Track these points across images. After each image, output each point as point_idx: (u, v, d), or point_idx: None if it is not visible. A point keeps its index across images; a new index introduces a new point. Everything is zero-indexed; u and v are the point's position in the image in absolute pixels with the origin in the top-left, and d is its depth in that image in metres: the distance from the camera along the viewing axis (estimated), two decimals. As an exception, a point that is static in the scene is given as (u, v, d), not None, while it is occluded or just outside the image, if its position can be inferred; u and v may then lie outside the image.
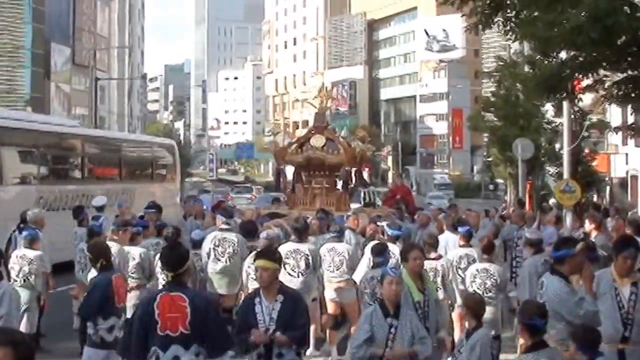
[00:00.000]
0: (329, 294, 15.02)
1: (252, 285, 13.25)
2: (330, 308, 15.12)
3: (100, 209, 20.57)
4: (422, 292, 10.46)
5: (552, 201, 35.73)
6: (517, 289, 14.15)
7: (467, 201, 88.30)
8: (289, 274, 13.53)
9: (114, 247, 13.41)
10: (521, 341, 9.09)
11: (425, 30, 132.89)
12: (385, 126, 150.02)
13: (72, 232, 17.97)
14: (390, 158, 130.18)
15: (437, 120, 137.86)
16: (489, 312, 11.65)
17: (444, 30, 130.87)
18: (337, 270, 14.75)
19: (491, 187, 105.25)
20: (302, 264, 13.80)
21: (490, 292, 13.16)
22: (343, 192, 24.33)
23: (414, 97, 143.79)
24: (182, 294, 8.14)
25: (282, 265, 12.90)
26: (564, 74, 10.69)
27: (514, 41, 12.27)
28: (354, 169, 24.62)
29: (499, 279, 13.42)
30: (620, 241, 10.03)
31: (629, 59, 9.68)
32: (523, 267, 13.95)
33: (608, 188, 52.97)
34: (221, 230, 15.40)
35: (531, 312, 8.20)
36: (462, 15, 11.56)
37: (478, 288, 13.10)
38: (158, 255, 13.60)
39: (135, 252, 14.22)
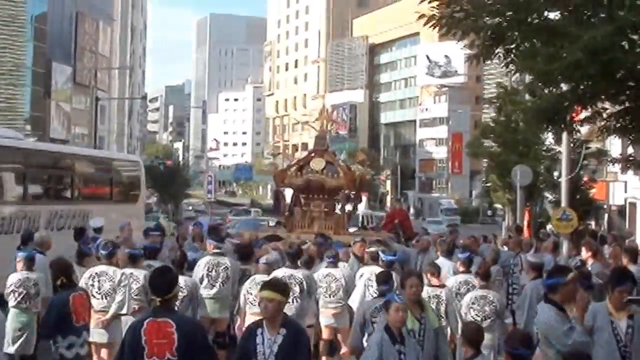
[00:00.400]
0: (325, 320, 14.92)
1: (251, 309, 13.40)
2: (326, 334, 15.13)
3: (98, 230, 20.47)
4: (418, 320, 10.42)
5: (549, 227, 35.82)
6: (517, 313, 14.25)
7: (465, 226, 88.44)
8: None
9: (109, 270, 13.47)
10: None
11: (427, 56, 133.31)
12: (384, 150, 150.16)
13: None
14: (389, 182, 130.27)
15: (436, 145, 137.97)
16: (487, 339, 11.65)
17: (446, 56, 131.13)
18: (333, 296, 14.72)
19: (489, 212, 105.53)
20: (297, 290, 13.51)
21: (489, 318, 13.14)
22: (342, 215, 24.20)
23: (414, 121, 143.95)
24: (169, 320, 8.04)
25: None
26: (562, 106, 10.84)
27: (514, 73, 12.40)
28: (352, 193, 24.50)
29: (497, 305, 13.41)
30: (616, 275, 9.93)
31: (627, 91, 9.82)
32: (525, 291, 13.94)
33: (606, 215, 53.11)
34: (214, 254, 15.32)
35: (516, 342, 8.35)
36: (464, 46, 11.68)
37: (477, 315, 13.08)
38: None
39: (139, 275, 13.88)
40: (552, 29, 9.25)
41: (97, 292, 13.26)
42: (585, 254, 17.35)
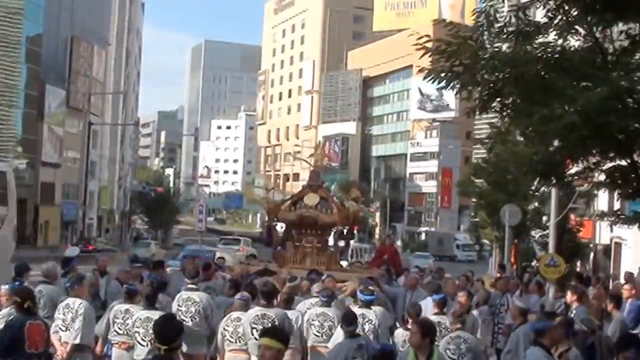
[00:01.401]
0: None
1: (229, 347, 13.45)
2: None
3: (71, 260, 20.31)
4: None
5: (534, 263, 36.02)
6: (505, 356, 14.40)
7: (452, 261, 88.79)
8: (257, 339, 12.44)
9: (70, 301, 13.34)
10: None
11: (419, 89, 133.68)
12: (375, 182, 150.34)
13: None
14: (378, 214, 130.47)
15: (426, 179, 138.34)
16: None
17: (438, 90, 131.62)
18: (326, 336, 14.18)
19: (477, 247, 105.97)
20: None
21: (465, 356, 13.04)
22: (334, 251, 24.20)
23: (405, 155, 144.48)
24: None
25: (252, 332, 12.94)
26: (555, 160, 11.09)
27: (509, 126, 12.62)
28: (345, 229, 24.25)
29: (471, 343, 13.26)
30: (622, 341, 9.83)
31: (617, 148, 10.10)
32: (516, 335, 14.10)
33: (592, 255, 53.26)
34: (187, 289, 15.17)
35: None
36: (460, 100, 11.96)
37: (453, 354, 13.02)
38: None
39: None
40: (548, 89, 9.51)
41: (62, 324, 13.15)
42: (570, 297, 17.58)
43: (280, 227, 25.92)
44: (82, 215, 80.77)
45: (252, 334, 12.99)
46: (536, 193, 42.44)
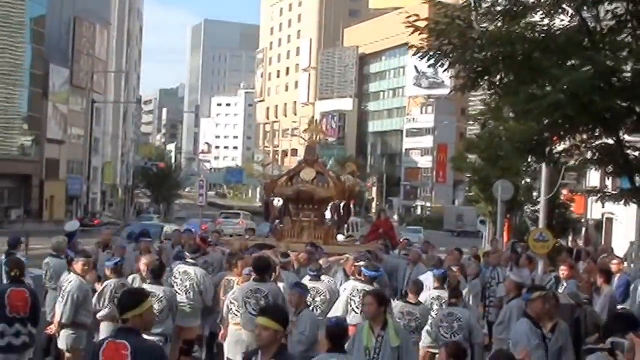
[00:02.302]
0: None
1: (234, 320, 13.30)
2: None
3: (72, 234, 20.20)
4: (376, 338, 10.30)
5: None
6: (497, 328, 14.37)
7: (446, 234, 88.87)
8: (250, 313, 12.68)
9: (69, 278, 13.33)
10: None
11: (415, 66, 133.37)
12: (371, 158, 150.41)
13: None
14: (375, 189, 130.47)
15: (422, 155, 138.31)
16: None
17: (432, 67, 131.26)
18: (318, 310, 14.18)
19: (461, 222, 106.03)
20: (263, 304, 12.54)
21: (458, 335, 13.09)
22: (331, 226, 23.94)
23: (401, 131, 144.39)
24: (126, 342, 7.53)
25: (246, 306, 12.81)
26: (542, 138, 11.04)
27: (497, 103, 12.57)
28: (342, 203, 24.00)
29: (465, 321, 13.37)
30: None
31: (603, 126, 10.06)
32: (509, 307, 14.03)
33: (584, 230, 53.30)
34: (185, 263, 15.19)
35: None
36: (450, 78, 11.91)
37: (446, 332, 13.15)
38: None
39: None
40: (535, 68, 9.46)
41: (60, 298, 13.24)
42: (562, 271, 17.65)
43: (277, 202, 25.55)
44: (86, 190, 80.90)
45: (246, 308, 12.87)
46: (528, 169, 42.39)
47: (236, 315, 13.28)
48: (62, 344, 13.16)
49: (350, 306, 13.92)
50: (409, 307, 13.40)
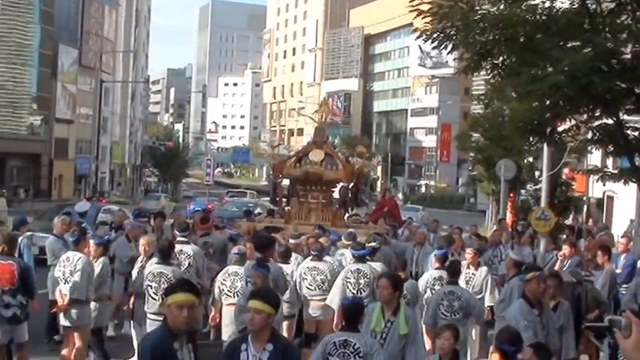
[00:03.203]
0: (311, 311, 14.49)
1: (226, 300, 13.25)
2: (309, 327, 14.72)
3: (82, 214, 20.17)
4: (385, 322, 10.05)
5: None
6: (498, 305, 14.42)
7: (450, 212, 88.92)
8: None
9: (71, 255, 13.25)
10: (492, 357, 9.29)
11: (419, 46, 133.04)
12: (376, 137, 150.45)
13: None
14: (379, 168, 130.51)
15: (426, 134, 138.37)
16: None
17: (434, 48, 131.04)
18: (319, 288, 14.29)
19: (473, 200, 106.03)
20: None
21: (458, 314, 12.91)
22: (339, 208, 23.65)
23: (406, 110, 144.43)
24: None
25: (247, 285, 12.57)
26: (543, 118, 11.09)
27: (499, 84, 12.66)
28: (350, 185, 23.63)
29: (464, 300, 13.11)
30: None
31: (603, 107, 10.11)
32: (509, 285, 14.07)
33: (585, 208, 53.33)
34: (179, 242, 14.96)
35: (504, 338, 8.63)
36: (454, 60, 11.94)
37: (446, 310, 12.92)
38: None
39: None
40: (536, 50, 9.49)
41: (62, 277, 13.09)
42: (565, 249, 17.78)
43: (285, 183, 25.15)
44: (94, 170, 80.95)
45: (248, 287, 12.42)
46: (531, 148, 42.40)
47: (228, 295, 13.22)
48: (68, 320, 13.02)
49: (347, 287, 13.69)
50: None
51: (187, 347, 7.24)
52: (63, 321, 13.09)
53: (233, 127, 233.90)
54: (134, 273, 14.10)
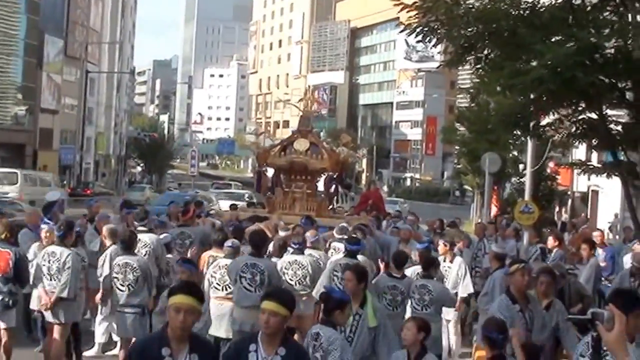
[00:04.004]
0: None
1: (215, 294, 12.94)
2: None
3: (52, 204, 19.83)
4: (353, 315, 9.61)
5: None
6: (482, 299, 14.49)
7: (435, 205, 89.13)
8: (246, 288, 12.44)
9: (57, 250, 12.82)
10: (476, 354, 9.31)
11: (405, 40, 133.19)
12: (361, 130, 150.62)
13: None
14: (365, 160, 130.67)
15: (411, 127, 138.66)
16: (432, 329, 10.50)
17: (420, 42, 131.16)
18: (300, 283, 13.87)
19: (458, 193, 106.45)
20: (258, 279, 12.49)
21: (429, 308, 12.79)
22: (324, 198, 23.59)
23: (391, 103, 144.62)
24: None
25: (241, 280, 12.36)
26: (527, 112, 11.16)
27: (483, 79, 12.68)
28: (335, 175, 23.58)
29: (435, 294, 12.96)
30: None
31: (586, 101, 10.18)
32: (492, 278, 14.11)
33: (569, 202, 53.54)
34: (139, 231, 14.77)
35: (491, 327, 8.69)
36: (439, 53, 11.98)
37: (417, 304, 12.84)
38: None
39: (84, 255, 13.76)
40: (519, 44, 9.56)
41: (47, 272, 12.66)
42: (551, 242, 17.88)
43: (269, 172, 24.82)
44: (79, 160, 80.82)
45: (241, 283, 12.46)
46: (516, 142, 42.56)
47: (217, 289, 12.98)
48: (55, 317, 12.68)
49: (334, 281, 13.28)
50: (393, 281, 13.06)
51: (188, 356, 6.62)
52: (49, 317, 12.71)
53: (218, 119, 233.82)
54: (99, 265, 13.92)
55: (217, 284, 13.03)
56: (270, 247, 15.14)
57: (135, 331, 12.83)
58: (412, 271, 14.42)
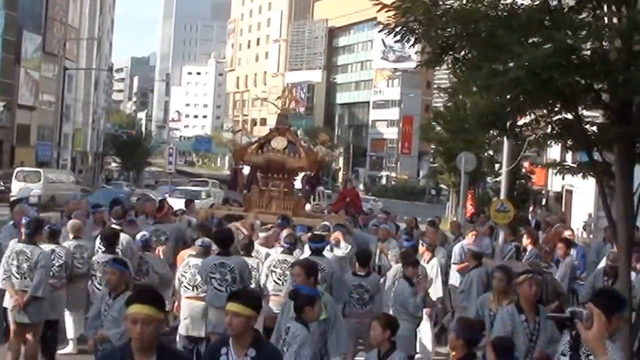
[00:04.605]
0: (272, 308, 12.93)
1: (185, 293, 12.80)
2: (270, 322, 12.07)
3: (23, 199, 19.44)
4: None
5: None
6: (459, 296, 14.54)
7: (411, 204, 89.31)
8: (216, 288, 12.20)
9: (27, 249, 12.46)
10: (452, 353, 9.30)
11: (382, 40, 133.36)
12: (338, 128, 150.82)
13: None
14: (341, 159, 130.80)
15: (388, 126, 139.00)
16: (403, 329, 10.75)
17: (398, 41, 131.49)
18: (287, 283, 13.04)
19: (433, 191, 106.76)
20: (229, 278, 12.22)
21: (367, 306, 12.90)
22: (301, 197, 23.42)
23: (368, 102, 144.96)
24: None
25: (211, 281, 12.11)
26: (503, 112, 11.19)
27: (460, 79, 12.69)
28: (313, 173, 23.38)
29: (372, 292, 13.06)
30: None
31: (562, 101, 10.22)
32: (470, 276, 14.17)
33: (544, 201, 53.83)
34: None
35: (466, 327, 8.67)
36: (416, 53, 11.98)
37: (356, 303, 12.99)
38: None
39: (61, 252, 13.34)
40: (497, 45, 9.57)
41: (16, 271, 12.33)
42: (526, 240, 18.00)
43: (245, 170, 24.49)
44: (56, 157, 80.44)
45: (212, 284, 12.22)
46: (491, 142, 42.74)
47: (187, 288, 12.82)
48: (25, 317, 12.35)
49: (271, 277, 13.24)
50: (358, 279, 13.08)
51: None
52: (21, 318, 12.32)
53: (196, 117, 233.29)
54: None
55: (187, 283, 12.87)
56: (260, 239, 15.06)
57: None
58: (397, 269, 14.48)
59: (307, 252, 14.59)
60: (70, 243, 14.02)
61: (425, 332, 14.87)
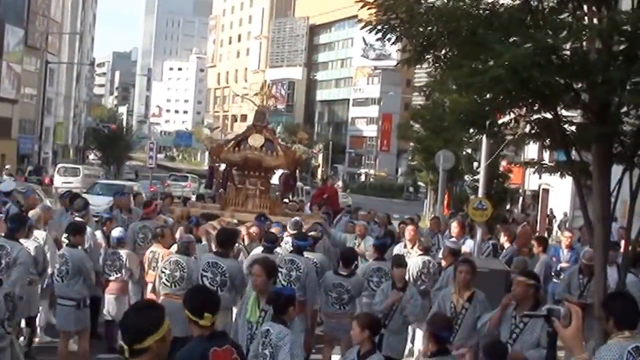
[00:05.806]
0: None
1: (163, 290, 12.54)
2: None
3: (7, 194, 19.08)
4: (260, 311, 9.77)
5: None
6: (435, 292, 14.50)
7: (389, 201, 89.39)
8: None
9: (7, 244, 12.05)
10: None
11: (363, 38, 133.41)
12: (318, 125, 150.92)
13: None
14: (320, 156, 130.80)
15: (367, 124, 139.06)
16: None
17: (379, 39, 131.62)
18: (293, 285, 12.75)
19: (411, 189, 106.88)
20: (219, 280, 11.98)
21: (346, 306, 12.89)
22: (279, 195, 23.14)
23: (348, 100, 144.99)
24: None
25: (202, 279, 11.83)
26: (483, 111, 11.16)
27: (441, 77, 12.66)
28: (290, 172, 23.03)
29: (353, 293, 13.00)
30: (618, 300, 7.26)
31: (541, 100, 10.22)
32: (446, 273, 14.03)
33: (521, 199, 53.99)
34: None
35: (438, 324, 8.65)
36: (397, 51, 11.95)
37: (335, 302, 12.93)
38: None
39: (30, 246, 12.85)
40: (478, 44, 9.56)
41: None
42: (503, 238, 18.06)
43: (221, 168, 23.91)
44: (37, 150, 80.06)
45: (203, 282, 11.75)
46: (470, 140, 42.74)
47: (166, 285, 12.55)
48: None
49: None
50: (339, 278, 12.94)
51: None
52: None
53: (177, 112, 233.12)
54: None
55: (166, 280, 12.63)
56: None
57: (72, 323, 12.77)
58: (366, 267, 14.49)
59: (286, 248, 14.62)
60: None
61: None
